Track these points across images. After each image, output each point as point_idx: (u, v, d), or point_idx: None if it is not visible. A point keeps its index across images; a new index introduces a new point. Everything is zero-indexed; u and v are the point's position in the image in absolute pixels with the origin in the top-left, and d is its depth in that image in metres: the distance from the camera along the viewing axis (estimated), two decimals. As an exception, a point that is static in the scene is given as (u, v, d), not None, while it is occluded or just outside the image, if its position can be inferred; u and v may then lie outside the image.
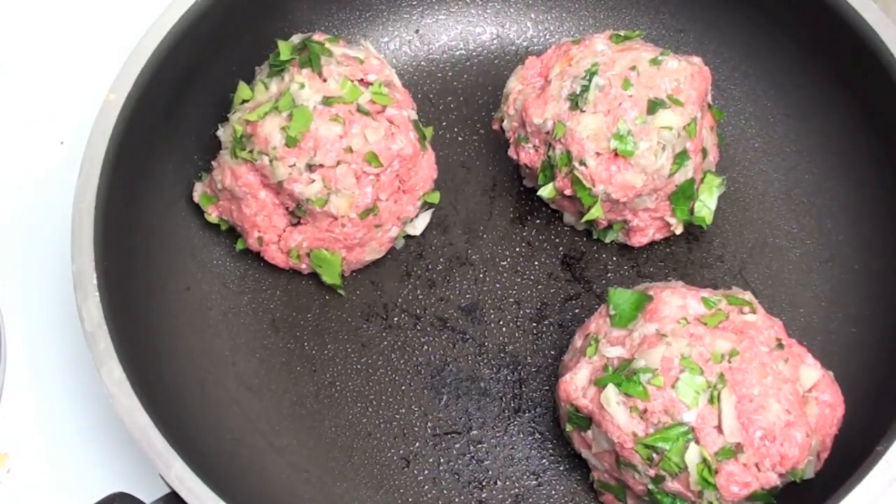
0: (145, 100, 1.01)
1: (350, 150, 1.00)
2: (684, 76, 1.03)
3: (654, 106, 1.01)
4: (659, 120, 1.01)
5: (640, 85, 1.02)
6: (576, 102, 1.02)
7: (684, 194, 1.05)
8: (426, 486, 1.02)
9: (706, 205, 1.08)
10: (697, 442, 0.86)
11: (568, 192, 1.04)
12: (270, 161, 1.00)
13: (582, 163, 1.01)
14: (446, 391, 1.06)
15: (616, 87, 1.02)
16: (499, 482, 1.02)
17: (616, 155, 1.00)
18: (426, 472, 1.02)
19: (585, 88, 1.02)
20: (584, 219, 1.06)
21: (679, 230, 1.09)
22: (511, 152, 1.09)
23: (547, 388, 1.05)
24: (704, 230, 1.11)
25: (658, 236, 1.10)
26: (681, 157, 1.02)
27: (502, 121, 1.10)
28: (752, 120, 1.17)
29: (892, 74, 1.02)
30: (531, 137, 1.06)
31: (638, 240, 1.10)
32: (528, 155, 1.07)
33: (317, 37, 1.06)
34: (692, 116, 1.02)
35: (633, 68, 1.03)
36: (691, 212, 1.07)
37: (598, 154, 1.01)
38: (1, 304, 1.13)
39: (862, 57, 1.04)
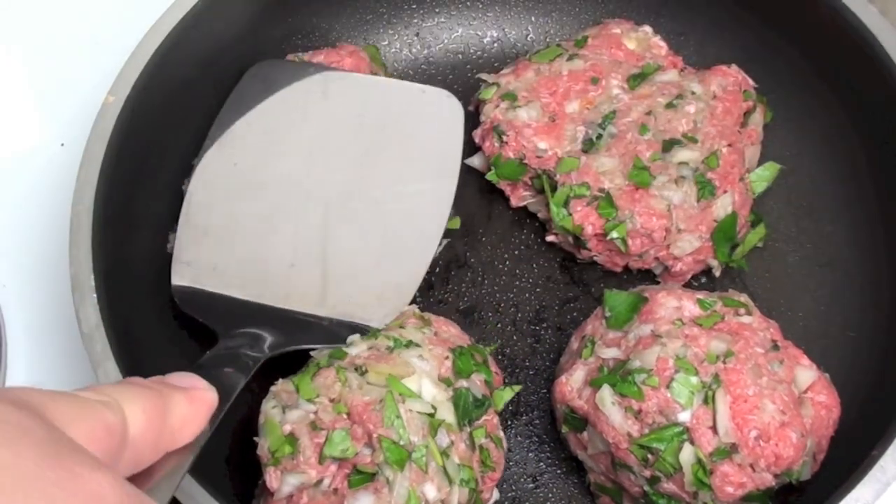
0: (144, 102, 1.01)
1: None
2: (702, 117, 1.04)
3: (668, 145, 1.02)
4: (675, 157, 1.02)
5: (656, 129, 1.04)
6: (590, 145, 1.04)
7: (726, 234, 1.03)
8: (423, 489, 1.01)
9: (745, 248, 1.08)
10: (692, 442, 0.85)
11: (591, 226, 1.03)
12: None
13: (602, 190, 1.02)
14: (444, 393, 1.06)
15: (632, 132, 1.03)
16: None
17: (636, 188, 1.02)
18: (423, 474, 1.02)
19: (599, 136, 1.04)
20: (610, 236, 1.02)
21: (718, 273, 1.07)
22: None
23: (544, 391, 1.05)
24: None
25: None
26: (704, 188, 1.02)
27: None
28: (752, 123, 1.17)
29: (890, 78, 1.02)
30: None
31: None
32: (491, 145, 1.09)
33: None
34: (711, 150, 1.02)
35: (649, 113, 1.05)
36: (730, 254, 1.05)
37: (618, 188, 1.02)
38: (1, 304, 1.13)
39: (861, 60, 1.04)
